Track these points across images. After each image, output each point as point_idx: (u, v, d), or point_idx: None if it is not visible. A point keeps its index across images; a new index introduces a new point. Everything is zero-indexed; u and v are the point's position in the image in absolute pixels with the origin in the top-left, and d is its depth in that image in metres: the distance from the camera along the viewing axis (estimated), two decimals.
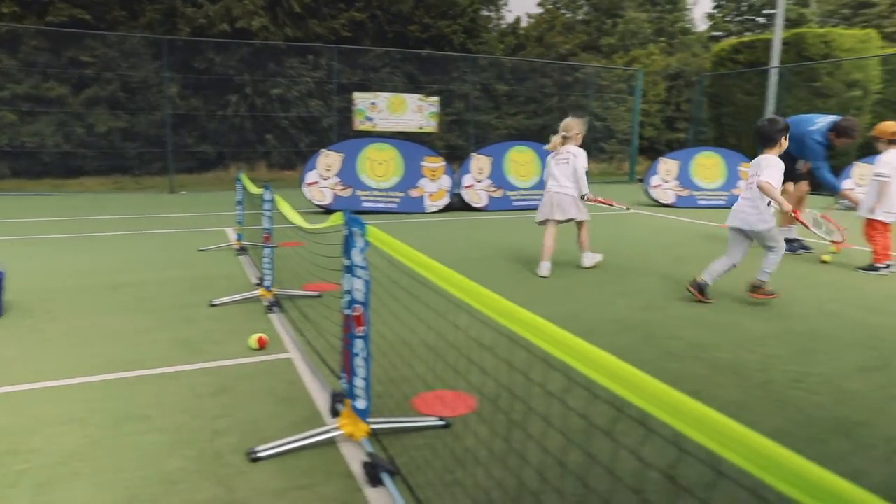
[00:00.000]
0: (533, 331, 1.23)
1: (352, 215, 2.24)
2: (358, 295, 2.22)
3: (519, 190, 10.28)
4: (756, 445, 0.80)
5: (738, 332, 3.93)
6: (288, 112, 18.29)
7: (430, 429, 2.57)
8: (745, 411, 2.80)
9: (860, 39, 15.17)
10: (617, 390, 1.03)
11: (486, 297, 1.41)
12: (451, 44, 23.60)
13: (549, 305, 4.48)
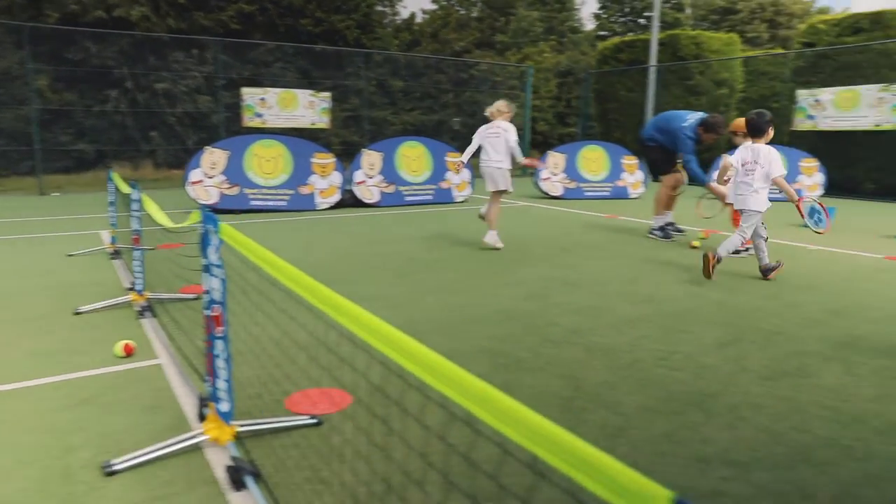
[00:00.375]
0: (368, 331, 1.21)
1: (207, 212, 2.15)
2: (216, 294, 2.13)
3: (411, 185, 10.30)
4: (539, 427, 0.81)
5: (613, 316, 4.12)
6: (174, 108, 17.39)
7: (301, 428, 2.52)
8: (613, 390, 2.93)
9: (725, 42, 16.33)
10: (442, 388, 1.03)
11: (326, 297, 1.38)
12: (344, 39, 23.30)
13: (436, 297, 4.51)
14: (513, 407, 0.84)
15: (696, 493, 2.13)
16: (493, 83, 24.04)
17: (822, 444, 2.48)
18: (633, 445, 2.43)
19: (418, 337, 3.76)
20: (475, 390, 0.90)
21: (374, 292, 4.68)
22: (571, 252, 6.33)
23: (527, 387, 2.97)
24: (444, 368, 0.97)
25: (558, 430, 0.78)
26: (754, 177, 5.17)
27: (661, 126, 7.26)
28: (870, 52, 12.56)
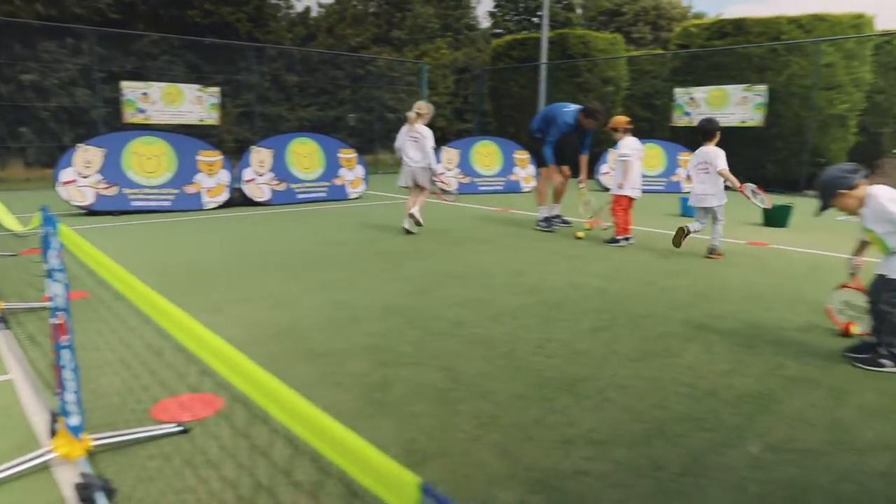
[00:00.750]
0: (191, 339, 1.16)
1: (47, 214, 2.00)
2: (59, 301, 1.99)
3: (303, 182, 10.09)
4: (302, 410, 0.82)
5: (496, 307, 4.22)
6: (47, 102, 16.13)
7: (167, 437, 2.41)
8: (489, 380, 3.00)
9: (610, 42, 17.12)
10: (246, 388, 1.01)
11: (161, 308, 1.32)
12: (235, 32, 22.48)
13: (322, 295, 4.45)
14: (289, 398, 0.84)
15: (560, 473, 2.22)
16: (390, 79, 23.98)
17: (677, 418, 2.66)
18: (504, 432, 2.50)
19: (301, 334, 3.72)
20: (255, 376, 0.89)
21: (258, 292, 4.55)
22: (462, 246, 6.43)
23: (405, 381, 2.98)
24: (232, 360, 0.96)
25: (326, 418, 0.78)
26: (711, 175, 5.95)
27: (546, 116, 7.51)
28: (734, 54, 13.56)
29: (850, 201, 3.26)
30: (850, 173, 3.26)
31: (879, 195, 3.18)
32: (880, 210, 3.16)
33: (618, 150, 6.62)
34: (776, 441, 2.48)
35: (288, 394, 0.85)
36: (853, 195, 3.25)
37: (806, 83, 12.80)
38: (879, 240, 3.24)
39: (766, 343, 3.62)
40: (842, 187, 3.24)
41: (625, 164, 6.49)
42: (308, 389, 2.88)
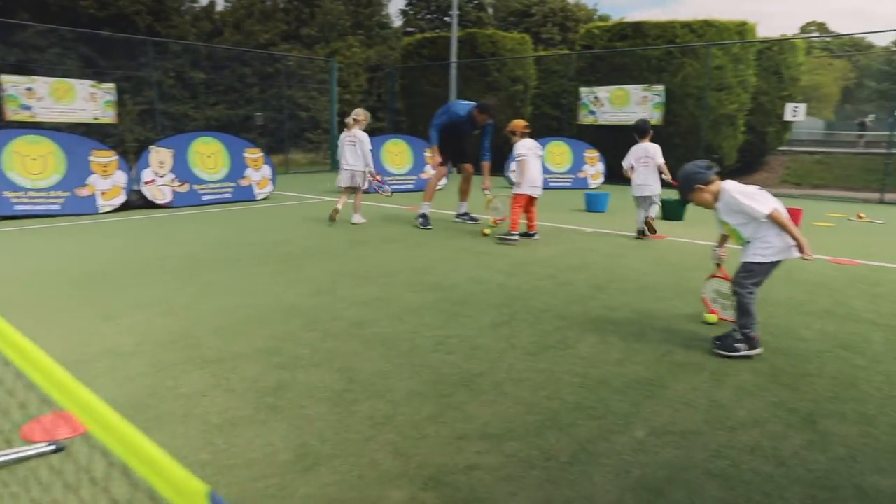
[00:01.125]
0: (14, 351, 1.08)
1: None
2: None
3: (207, 183, 9.72)
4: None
5: (398, 306, 4.21)
6: None
7: (39, 457, 2.25)
8: (386, 379, 2.99)
9: (518, 42, 17.49)
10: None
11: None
12: (135, 25, 21.39)
13: (220, 299, 4.29)
14: (92, 403, 0.80)
15: (452, 469, 2.23)
16: (300, 77, 23.52)
17: (569, 408, 2.73)
18: (399, 431, 2.50)
19: (194, 341, 3.57)
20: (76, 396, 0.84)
21: (152, 298, 4.34)
22: (367, 245, 6.38)
23: (300, 384, 2.92)
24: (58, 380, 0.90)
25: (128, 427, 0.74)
26: (651, 168, 6.78)
27: (442, 109, 7.71)
28: (634, 56, 14.16)
29: (706, 196, 3.40)
30: (706, 169, 3.40)
31: (731, 189, 3.33)
32: (732, 202, 3.31)
33: (514, 151, 6.80)
34: (660, 424, 2.60)
35: (99, 405, 0.80)
36: (709, 190, 3.39)
37: (699, 84, 13.54)
38: (734, 231, 3.41)
39: (656, 331, 3.79)
40: (699, 182, 3.38)
41: (521, 164, 6.66)
42: (199, 398, 2.78)
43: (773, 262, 3.30)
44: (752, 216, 3.27)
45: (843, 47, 40.64)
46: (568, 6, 35.12)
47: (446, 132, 7.51)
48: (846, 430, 2.56)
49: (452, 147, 7.64)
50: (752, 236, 3.32)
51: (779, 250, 3.28)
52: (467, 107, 7.40)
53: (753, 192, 3.32)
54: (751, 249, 3.33)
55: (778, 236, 3.26)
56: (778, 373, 3.17)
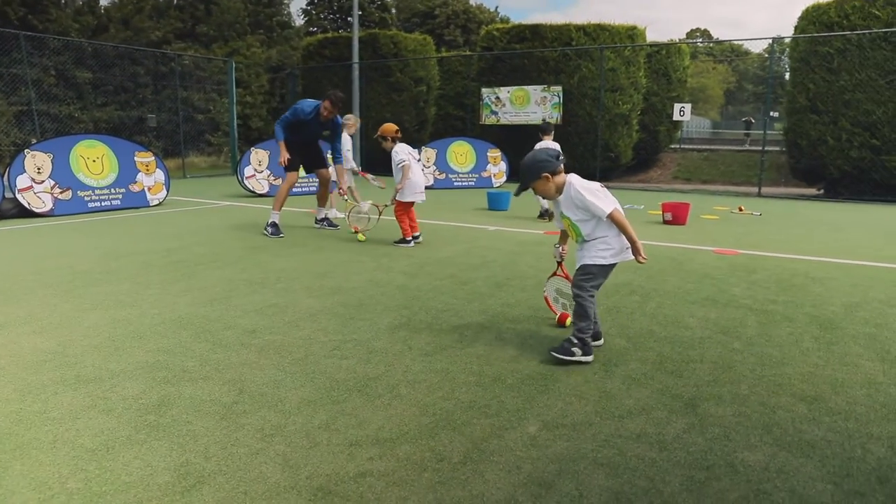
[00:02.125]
0: None
1: None
2: None
3: (93, 189, 9.12)
4: None
5: (294, 312, 4.09)
6: None
7: None
8: (278, 388, 2.88)
9: (420, 42, 17.54)
10: None
11: None
12: (5, 17, 19.80)
13: (102, 313, 4.01)
14: None
15: (343, 477, 2.18)
16: (198, 78, 22.57)
17: (463, 407, 2.74)
18: (289, 441, 2.41)
19: (69, 360, 3.33)
20: None
21: (24, 314, 4.00)
22: (265, 250, 6.19)
23: (186, 398, 2.77)
24: None
25: None
26: None
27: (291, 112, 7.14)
28: (532, 57, 14.54)
29: (550, 186, 3.28)
30: (556, 158, 3.28)
31: (576, 183, 3.24)
32: (577, 197, 3.22)
33: (394, 157, 6.47)
34: (552, 418, 2.65)
35: None
36: (554, 181, 3.27)
37: (594, 85, 14.07)
38: (574, 226, 3.32)
39: (552, 327, 3.88)
40: (547, 170, 3.24)
41: (405, 170, 6.38)
42: (71, 420, 2.57)
43: (612, 264, 3.29)
44: (593, 213, 3.21)
45: (724, 53, 43.55)
46: (470, 8, 35.64)
47: (296, 135, 7.05)
48: (722, 412, 2.71)
49: (304, 152, 7.25)
50: (590, 234, 3.27)
51: (617, 252, 3.27)
52: (313, 104, 6.98)
53: (597, 190, 3.26)
54: (590, 251, 3.28)
55: (617, 237, 3.24)
56: (664, 360, 3.31)
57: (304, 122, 6.95)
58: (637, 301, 4.46)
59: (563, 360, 3.21)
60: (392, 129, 6.55)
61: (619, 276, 5.19)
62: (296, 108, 6.99)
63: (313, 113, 6.91)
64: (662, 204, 8.65)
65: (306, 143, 7.20)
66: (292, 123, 6.96)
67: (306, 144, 7.21)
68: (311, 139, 7.25)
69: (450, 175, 13.25)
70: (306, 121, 6.95)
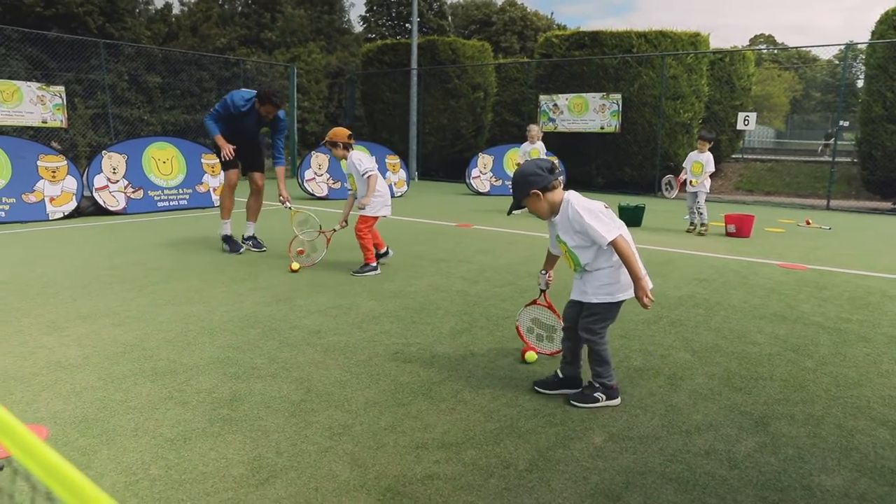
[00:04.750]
0: None
1: None
2: None
3: (162, 189, 9.50)
4: None
5: (357, 314, 4.17)
6: None
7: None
8: (344, 389, 2.95)
9: (478, 49, 17.60)
10: None
11: None
12: (85, 26, 20.82)
13: (174, 309, 4.18)
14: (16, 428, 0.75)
15: (410, 479, 2.21)
16: (260, 82, 23.19)
17: (527, 415, 2.74)
18: (356, 441, 2.46)
19: (146, 352, 3.47)
20: None
21: (103, 308, 4.20)
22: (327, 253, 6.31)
23: (257, 394, 2.86)
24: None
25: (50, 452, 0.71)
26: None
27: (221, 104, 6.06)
28: (591, 64, 14.40)
29: (542, 205, 2.83)
30: (547, 172, 2.81)
31: (576, 203, 2.79)
32: (576, 220, 2.76)
33: (356, 165, 5.41)
34: (617, 430, 2.62)
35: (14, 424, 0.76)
36: (547, 199, 2.82)
37: (654, 93, 13.83)
38: (572, 254, 2.85)
39: (614, 337, 3.83)
40: (536, 187, 2.78)
41: (371, 181, 5.36)
42: (150, 410, 2.69)
43: (620, 301, 2.84)
44: (593, 239, 2.73)
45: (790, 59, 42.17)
46: (527, 15, 35.56)
47: (229, 129, 5.98)
48: (795, 432, 2.62)
49: (240, 149, 6.08)
50: (591, 265, 2.81)
51: (625, 286, 2.80)
52: (247, 96, 5.91)
53: (599, 211, 2.78)
54: (592, 285, 2.83)
55: (623, 269, 2.77)
56: (732, 376, 3.23)
57: (236, 115, 5.91)
58: (701, 314, 4.37)
59: (585, 407, 2.82)
60: (344, 133, 5.53)
61: (682, 288, 5.10)
62: (226, 101, 5.92)
63: (247, 106, 5.88)
64: (725, 215, 8.43)
65: (242, 139, 6.08)
66: (223, 118, 5.95)
67: (244, 142, 6.10)
68: (248, 135, 6.13)
69: (506, 182, 13.22)
70: (239, 115, 5.92)
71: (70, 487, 0.66)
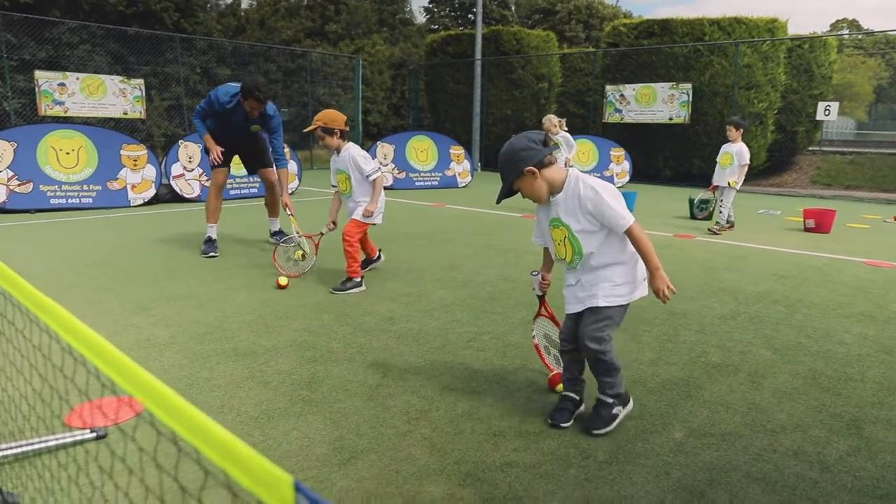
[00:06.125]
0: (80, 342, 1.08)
1: None
2: None
3: (234, 178, 9.79)
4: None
5: (428, 302, 4.20)
6: None
7: (81, 444, 2.28)
8: (419, 375, 2.98)
9: (543, 39, 17.38)
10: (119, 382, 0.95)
11: (52, 311, 1.21)
12: (161, 22, 21.64)
13: (251, 292, 4.32)
14: (177, 401, 0.79)
15: (489, 465, 2.22)
16: (325, 74, 23.62)
17: None
18: (434, 426, 2.49)
19: (227, 333, 3.58)
20: (148, 386, 0.84)
21: (183, 291, 4.38)
22: (394, 241, 6.38)
23: (334, 377, 2.93)
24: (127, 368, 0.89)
25: (209, 421, 0.74)
26: None
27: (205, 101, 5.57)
28: (660, 54, 14.00)
29: (540, 185, 2.36)
30: (541, 145, 2.35)
31: (588, 180, 2.38)
32: (589, 196, 2.32)
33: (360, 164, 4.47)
34: (698, 426, 2.56)
35: (171, 395, 0.80)
36: (546, 176, 2.36)
37: (727, 82, 13.34)
38: (573, 240, 2.39)
39: (689, 332, 3.74)
40: (530, 162, 2.32)
41: (375, 185, 4.51)
42: (234, 389, 2.79)
43: (633, 301, 2.47)
44: (607, 223, 2.33)
45: (876, 45, 39.86)
46: (593, 3, 34.86)
47: (221, 128, 5.53)
48: (893, 437, 2.49)
49: (238, 148, 5.73)
50: (596, 256, 2.40)
51: (637, 283, 2.45)
52: (233, 92, 5.33)
53: (614, 191, 2.40)
54: (599, 283, 2.41)
55: (633, 263, 2.43)
56: (818, 376, 3.10)
57: (222, 112, 5.40)
58: (782, 311, 4.20)
59: (605, 432, 2.44)
60: (342, 119, 4.54)
61: (760, 284, 4.91)
62: (210, 97, 5.41)
63: (233, 103, 5.32)
64: (804, 210, 8.07)
65: (237, 137, 5.61)
66: (211, 115, 5.48)
67: (238, 139, 5.63)
68: (241, 133, 5.59)
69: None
70: (225, 112, 5.39)
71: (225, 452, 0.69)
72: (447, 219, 8.15)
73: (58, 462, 2.16)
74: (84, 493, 1.97)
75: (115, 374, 0.91)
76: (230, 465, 0.68)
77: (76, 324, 1.04)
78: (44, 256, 5.47)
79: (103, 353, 0.95)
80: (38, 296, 1.20)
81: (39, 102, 12.18)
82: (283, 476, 0.64)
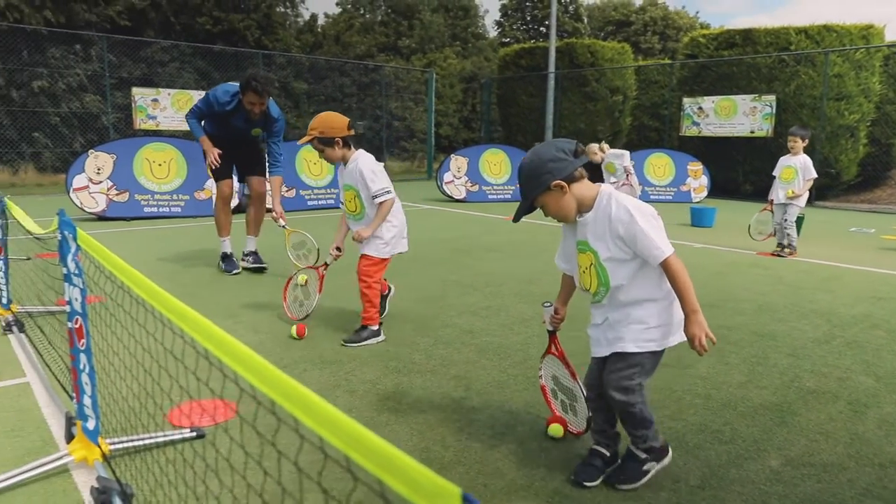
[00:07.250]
0: (219, 348, 1.15)
1: (64, 218, 2.00)
2: (76, 305, 1.99)
3: (312, 189, 10.13)
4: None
5: (507, 316, 4.20)
6: (58, 108, 16.22)
7: (183, 442, 2.40)
8: (502, 389, 2.99)
9: (618, 51, 17.13)
10: (271, 395, 1.00)
11: (174, 307, 1.30)
12: (244, 39, 22.64)
13: (331, 302, 4.43)
14: (329, 412, 0.83)
15: (576, 485, 2.20)
16: (398, 88, 24.07)
17: (693, 430, 2.63)
18: (520, 442, 2.48)
19: (311, 342, 3.68)
20: (296, 395, 0.88)
21: (271, 299, 4.55)
22: (470, 254, 6.42)
23: (419, 388, 2.97)
24: (273, 376, 0.94)
25: (367, 433, 0.77)
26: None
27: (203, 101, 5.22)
28: (742, 65, 13.55)
29: (569, 200, 2.04)
30: (571, 155, 2.02)
31: (621, 197, 2.06)
32: (621, 219, 1.99)
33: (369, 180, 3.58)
34: (796, 454, 2.45)
35: (316, 401, 0.84)
36: (575, 191, 2.04)
37: (814, 93, 12.78)
38: (601, 269, 2.07)
39: (780, 355, 3.59)
40: (559, 176, 2.00)
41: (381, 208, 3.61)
42: (323, 396, 2.86)
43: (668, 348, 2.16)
44: (641, 252, 2.00)
45: None
46: (669, 14, 34.15)
47: (219, 131, 5.18)
48: None
49: (235, 153, 5.30)
50: (624, 290, 2.07)
51: (675, 326, 2.10)
52: (233, 91, 4.97)
53: (652, 215, 2.04)
54: (627, 322, 2.09)
55: (668, 302, 2.10)
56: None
57: (221, 114, 5.04)
58: (883, 337, 3.97)
59: (636, 487, 2.17)
60: (341, 122, 3.68)
61: (856, 307, 4.66)
62: (208, 96, 5.03)
63: (233, 103, 4.97)
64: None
65: (236, 141, 5.25)
66: (209, 116, 5.11)
67: (236, 144, 5.26)
68: (240, 136, 5.25)
69: (646, 188, 12.80)
70: (225, 113, 5.03)
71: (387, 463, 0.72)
72: (520, 231, 8.13)
73: (166, 457, 2.28)
74: (190, 488, 2.07)
75: (260, 383, 0.96)
76: (389, 476, 0.71)
77: (216, 330, 1.11)
78: (138, 262, 5.80)
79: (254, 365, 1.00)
80: (176, 303, 1.28)
81: (135, 117, 12.96)
82: (452, 488, 0.65)
